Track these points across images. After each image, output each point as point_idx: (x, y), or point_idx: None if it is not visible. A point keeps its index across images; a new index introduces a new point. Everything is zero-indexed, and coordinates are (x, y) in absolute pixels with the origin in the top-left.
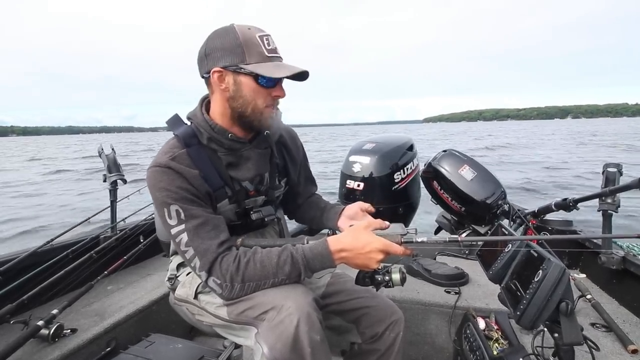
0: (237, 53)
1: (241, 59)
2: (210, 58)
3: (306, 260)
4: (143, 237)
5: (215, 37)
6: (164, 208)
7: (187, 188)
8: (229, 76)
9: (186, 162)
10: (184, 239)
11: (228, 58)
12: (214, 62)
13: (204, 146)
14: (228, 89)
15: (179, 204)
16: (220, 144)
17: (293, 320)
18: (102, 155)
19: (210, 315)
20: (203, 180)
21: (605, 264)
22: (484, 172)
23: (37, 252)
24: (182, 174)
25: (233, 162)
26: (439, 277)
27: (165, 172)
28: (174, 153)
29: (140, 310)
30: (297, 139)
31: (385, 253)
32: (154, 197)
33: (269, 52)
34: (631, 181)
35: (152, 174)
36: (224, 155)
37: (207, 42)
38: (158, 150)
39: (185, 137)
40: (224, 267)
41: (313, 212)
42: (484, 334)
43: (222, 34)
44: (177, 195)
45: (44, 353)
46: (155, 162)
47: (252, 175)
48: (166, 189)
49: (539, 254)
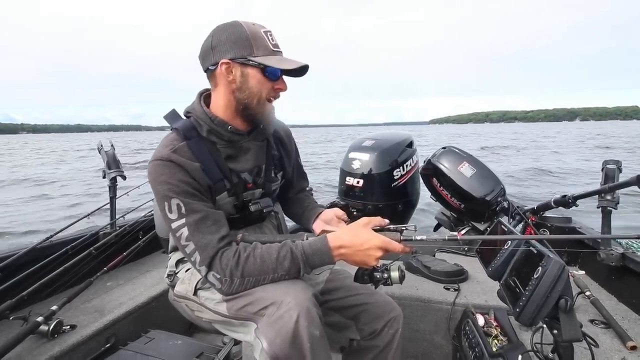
0: (246, 46)
1: (249, 52)
2: (217, 50)
3: (305, 256)
4: (142, 234)
5: (222, 31)
6: (164, 202)
7: (189, 182)
8: (237, 68)
9: (187, 154)
10: (185, 233)
11: (236, 50)
12: (221, 55)
13: (204, 138)
14: (235, 81)
15: (180, 198)
16: (219, 136)
17: (293, 315)
18: (102, 151)
19: (210, 312)
20: (204, 173)
21: (604, 261)
22: (483, 169)
23: (37, 248)
24: (184, 167)
25: (232, 154)
26: (438, 274)
27: (167, 165)
28: (175, 146)
29: (139, 307)
30: (290, 135)
31: (384, 250)
32: (155, 190)
33: (273, 47)
34: (630, 178)
35: (153, 168)
36: (223, 147)
37: (214, 36)
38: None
39: (185, 130)
40: (223, 261)
41: (297, 209)
42: (483, 330)
43: (229, 28)
44: (179, 188)
45: (44, 349)
46: (157, 155)
47: (251, 166)
48: (167, 182)
49: (538, 250)
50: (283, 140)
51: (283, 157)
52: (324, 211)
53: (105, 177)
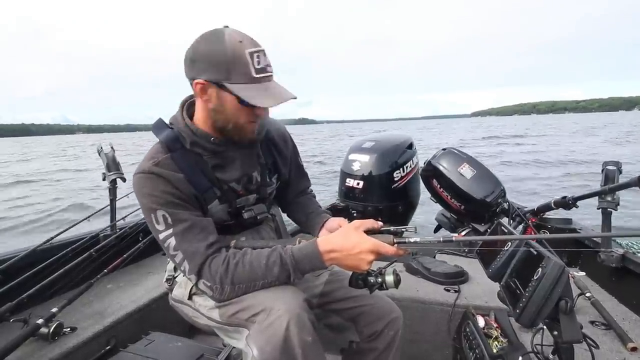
0: (222, 70)
1: (225, 77)
2: (194, 65)
3: (295, 261)
4: (142, 236)
5: (202, 43)
6: (150, 214)
7: (172, 192)
8: (212, 89)
9: (170, 166)
10: (172, 243)
11: (212, 72)
12: (197, 72)
13: (188, 150)
14: (210, 101)
15: (165, 209)
16: (203, 148)
17: (282, 322)
18: (102, 153)
19: (204, 317)
20: (188, 183)
21: (604, 262)
22: (483, 171)
23: (37, 250)
24: (167, 178)
25: (219, 164)
26: (439, 275)
27: (149, 177)
28: (158, 159)
29: (139, 309)
30: (285, 134)
31: (376, 254)
32: (141, 203)
33: (257, 72)
34: (631, 179)
35: (136, 181)
36: (209, 157)
37: (194, 46)
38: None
39: (169, 142)
40: (213, 269)
41: (299, 215)
42: (484, 332)
43: (210, 42)
44: (162, 199)
45: (44, 352)
46: (139, 168)
47: (239, 175)
48: (151, 195)
49: (538, 252)
50: (276, 144)
51: (277, 159)
52: (329, 219)
53: (105, 179)
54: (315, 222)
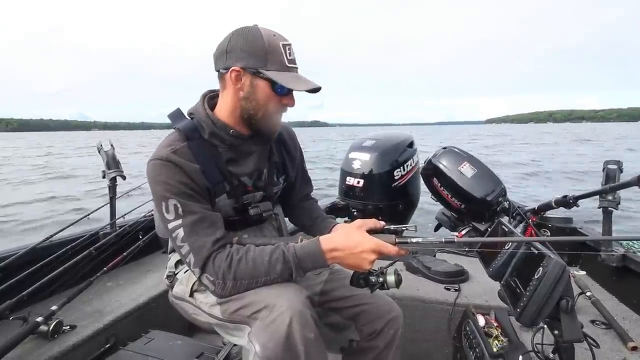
0: (260, 57)
1: (262, 64)
2: (230, 55)
3: (298, 259)
4: (142, 234)
5: (239, 36)
6: (162, 202)
7: (187, 183)
8: (247, 77)
9: (187, 156)
10: (180, 234)
11: (250, 60)
12: (234, 61)
13: (205, 141)
14: (243, 89)
15: (178, 199)
16: (221, 140)
17: (285, 319)
18: (101, 151)
19: (205, 314)
20: (203, 175)
21: (605, 261)
22: (483, 169)
23: (37, 248)
24: (183, 168)
25: (233, 158)
26: (439, 274)
27: (166, 165)
28: (175, 146)
29: (139, 307)
30: (295, 138)
31: (378, 253)
32: (153, 190)
33: (289, 62)
34: (631, 178)
35: (152, 167)
36: (224, 150)
37: (231, 39)
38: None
39: (187, 131)
40: (216, 264)
41: (305, 219)
42: (484, 331)
43: (247, 35)
44: (176, 189)
45: (43, 349)
46: (156, 155)
47: (251, 170)
48: (165, 183)
49: (539, 251)
50: (287, 143)
51: (286, 160)
52: (336, 224)
53: (104, 177)
54: (322, 227)
